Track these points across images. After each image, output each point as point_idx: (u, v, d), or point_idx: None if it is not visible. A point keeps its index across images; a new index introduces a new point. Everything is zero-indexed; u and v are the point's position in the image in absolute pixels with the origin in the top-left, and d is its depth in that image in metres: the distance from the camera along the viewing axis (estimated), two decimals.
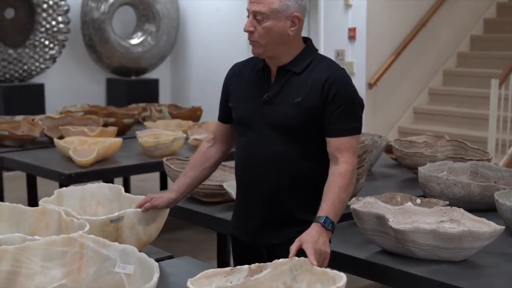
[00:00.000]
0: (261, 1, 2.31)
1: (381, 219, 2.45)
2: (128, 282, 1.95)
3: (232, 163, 3.80)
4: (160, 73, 9.42)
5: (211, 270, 1.97)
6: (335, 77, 2.33)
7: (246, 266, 1.98)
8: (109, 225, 2.34)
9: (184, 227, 5.43)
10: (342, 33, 7.43)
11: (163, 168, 3.76)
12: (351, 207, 2.60)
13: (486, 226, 2.44)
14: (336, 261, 2.38)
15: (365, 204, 2.61)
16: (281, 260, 2.00)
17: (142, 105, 6.51)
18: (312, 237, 2.12)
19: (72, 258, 2.03)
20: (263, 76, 2.44)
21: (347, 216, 2.74)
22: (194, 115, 6.00)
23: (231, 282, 1.94)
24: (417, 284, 2.31)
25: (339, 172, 2.28)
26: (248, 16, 2.35)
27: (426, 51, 7.78)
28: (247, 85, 2.47)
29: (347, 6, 7.35)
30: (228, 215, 3.10)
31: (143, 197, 2.57)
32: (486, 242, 2.39)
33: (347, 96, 2.34)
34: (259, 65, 2.46)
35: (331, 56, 7.51)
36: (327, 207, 2.22)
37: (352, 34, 7.32)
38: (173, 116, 5.94)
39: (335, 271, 1.90)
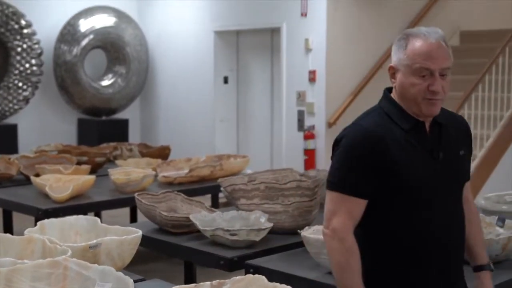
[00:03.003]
0: (445, 55, 2.15)
1: None
2: None
3: (200, 198, 4.13)
4: (130, 113, 9.75)
5: (178, 286, 2.29)
6: (467, 124, 2.39)
7: (208, 282, 2.30)
8: (88, 251, 2.65)
9: (152, 260, 5.69)
10: (303, 75, 7.78)
11: (134, 203, 4.06)
12: (301, 234, 2.94)
13: None
14: (290, 282, 2.68)
15: (314, 231, 2.96)
16: (238, 277, 2.33)
17: (113, 144, 6.80)
18: None
19: (57, 279, 2.33)
20: (419, 133, 2.21)
21: (301, 243, 3.10)
22: (163, 153, 6.33)
23: None
24: None
25: (476, 212, 2.42)
26: (424, 76, 2.14)
27: (382, 91, 8.18)
28: (405, 146, 2.18)
29: (308, 50, 7.73)
30: (193, 244, 3.42)
31: (118, 227, 2.90)
32: None
33: None
34: (405, 122, 2.20)
35: (293, 97, 7.92)
36: (484, 252, 2.38)
37: (312, 76, 7.66)
38: (143, 155, 6.25)
39: (283, 285, 2.23)
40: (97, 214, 6.34)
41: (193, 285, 2.30)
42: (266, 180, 3.66)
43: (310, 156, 7.57)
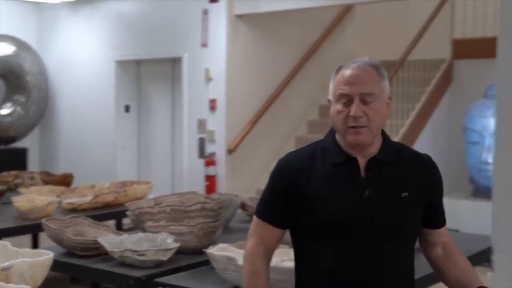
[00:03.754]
0: (366, 81, 2.09)
1: (231, 260, 2.99)
2: None
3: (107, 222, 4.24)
4: (29, 142, 9.65)
5: None
6: (433, 165, 2.22)
7: None
8: (0, 273, 2.73)
9: (59, 286, 5.70)
10: (204, 103, 7.99)
11: (38, 230, 4.11)
12: (207, 252, 3.13)
13: None
14: None
15: (219, 249, 3.15)
16: None
17: (14, 172, 6.76)
18: None
19: None
20: (349, 168, 2.12)
21: (206, 262, 3.28)
22: (65, 181, 6.35)
23: None
24: None
25: (458, 251, 2.28)
26: (345, 102, 2.10)
27: (280, 119, 8.46)
28: (330, 181, 2.11)
29: (208, 79, 7.95)
30: (102, 266, 3.53)
31: (28, 249, 2.99)
32: None
33: (442, 182, 2.25)
34: (336, 156, 2.14)
35: (194, 124, 8.11)
36: (478, 279, 2.23)
37: (212, 105, 7.88)
38: (45, 182, 6.26)
39: None
40: None
41: None
42: (172, 203, 3.82)
43: (211, 182, 7.77)
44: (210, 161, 7.83)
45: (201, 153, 8.00)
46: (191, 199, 3.84)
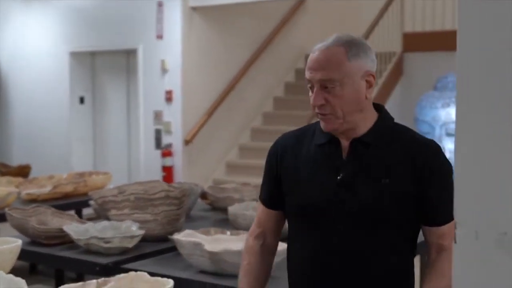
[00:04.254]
0: (326, 66, 1.88)
1: (198, 245, 3.07)
2: None
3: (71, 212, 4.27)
4: None
5: (65, 285, 2.48)
6: (429, 153, 1.94)
7: (94, 280, 2.51)
8: None
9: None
10: (159, 95, 8.06)
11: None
12: (174, 238, 3.21)
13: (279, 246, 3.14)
14: None
15: (185, 235, 3.24)
16: (122, 275, 2.56)
17: None
18: None
19: None
20: (330, 150, 1.97)
21: (170, 249, 3.37)
22: (23, 172, 6.35)
23: None
24: None
25: (446, 259, 1.90)
26: (311, 87, 1.93)
27: (235, 111, 8.58)
28: (310, 163, 1.99)
29: (164, 70, 8.02)
30: (68, 253, 3.58)
31: None
32: (278, 258, 3.08)
33: (445, 174, 1.93)
34: (321, 137, 1.99)
35: (150, 116, 8.15)
36: None
37: (168, 96, 7.97)
38: (2, 174, 6.25)
39: (165, 279, 2.49)
40: None
41: (80, 283, 2.51)
42: (135, 191, 3.88)
43: (168, 173, 7.83)
44: (166, 152, 7.89)
45: (158, 144, 8.05)
46: (154, 187, 3.91)
